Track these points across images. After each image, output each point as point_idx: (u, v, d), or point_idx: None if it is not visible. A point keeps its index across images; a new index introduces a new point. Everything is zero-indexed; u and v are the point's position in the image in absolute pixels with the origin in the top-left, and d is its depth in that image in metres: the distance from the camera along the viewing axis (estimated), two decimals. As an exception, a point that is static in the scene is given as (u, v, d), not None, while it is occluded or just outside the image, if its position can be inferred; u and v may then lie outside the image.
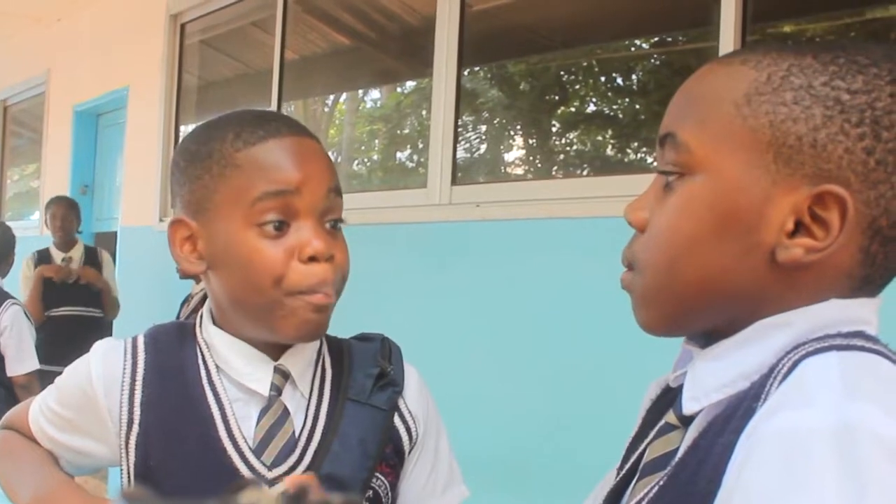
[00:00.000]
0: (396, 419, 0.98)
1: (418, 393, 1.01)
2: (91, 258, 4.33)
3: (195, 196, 0.92)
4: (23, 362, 3.23)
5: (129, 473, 0.94)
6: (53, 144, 6.11)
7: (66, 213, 4.31)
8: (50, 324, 4.12)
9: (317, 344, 0.99)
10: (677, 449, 0.66)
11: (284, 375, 0.95)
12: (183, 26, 4.62)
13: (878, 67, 0.62)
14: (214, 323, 0.97)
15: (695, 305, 0.66)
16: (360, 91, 4.06)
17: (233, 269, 0.90)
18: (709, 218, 0.64)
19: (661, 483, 0.64)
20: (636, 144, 2.67)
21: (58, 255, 4.26)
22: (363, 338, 1.04)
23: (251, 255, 0.88)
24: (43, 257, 4.28)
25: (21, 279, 4.21)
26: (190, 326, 0.99)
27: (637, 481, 0.69)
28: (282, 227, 0.88)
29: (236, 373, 0.94)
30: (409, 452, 0.99)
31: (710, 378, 0.65)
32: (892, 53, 0.63)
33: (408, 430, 0.99)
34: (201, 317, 0.98)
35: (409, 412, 0.99)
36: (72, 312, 4.16)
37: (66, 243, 4.29)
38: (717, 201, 0.64)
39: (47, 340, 4.04)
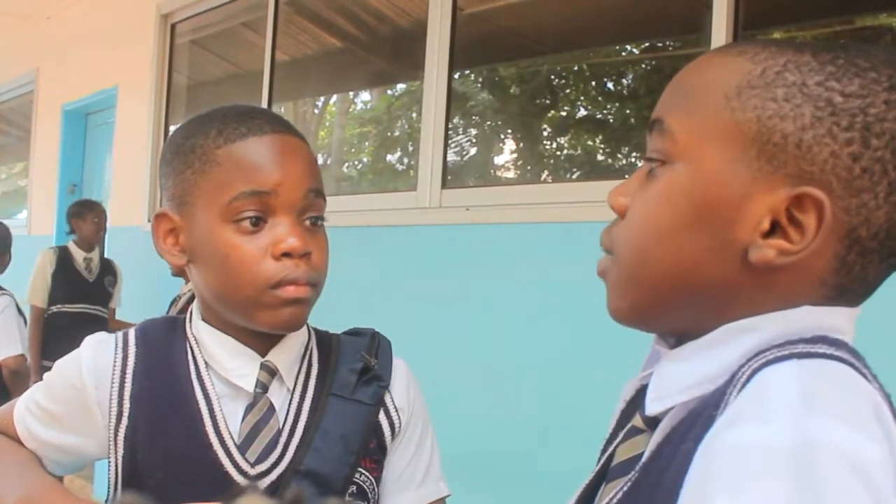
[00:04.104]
0: (381, 414, 0.98)
1: (405, 386, 1.01)
2: (107, 267, 4.35)
3: (178, 189, 0.94)
4: (7, 346, 3.22)
5: (116, 467, 0.94)
6: (42, 143, 6.07)
7: (104, 219, 4.34)
8: (59, 318, 4.13)
9: (305, 338, 1.00)
10: (643, 453, 0.64)
11: (271, 372, 0.95)
12: (173, 26, 4.61)
13: (878, 72, 0.60)
14: (202, 318, 0.98)
15: (664, 297, 0.65)
16: (351, 93, 4.05)
17: (211, 264, 0.92)
18: (685, 208, 0.63)
19: (625, 489, 0.63)
20: (626, 149, 2.67)
21: (79, 254, 4.25)
22: (354, 332, 1.05)
23: (227, 251, 0.90)
24: (64, 254, 4.26)
25: (35, 272, 4.19)
26: (181, 321, 1.00)
27: (606, 484, 0.68)
28: (258, 223, 0.90)
29: (223, 369, 0.95)
30: (392, 443, 0.99)
31: (675, 379, 0.63)
32: (894, 59, 0.61)
33: (391, 424, 0.99)
34: (191, 312, 0.99)
35: (395, 406, 0.99)
36: (84, 310, 4.17)
37: (90, 245, 4.28)
38: (696, 192, 0.62)
39: (54, 336, 4.03)
